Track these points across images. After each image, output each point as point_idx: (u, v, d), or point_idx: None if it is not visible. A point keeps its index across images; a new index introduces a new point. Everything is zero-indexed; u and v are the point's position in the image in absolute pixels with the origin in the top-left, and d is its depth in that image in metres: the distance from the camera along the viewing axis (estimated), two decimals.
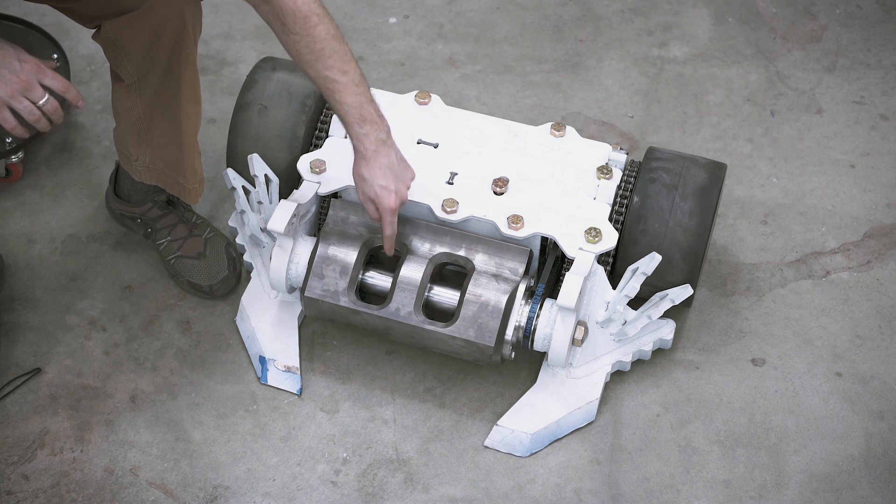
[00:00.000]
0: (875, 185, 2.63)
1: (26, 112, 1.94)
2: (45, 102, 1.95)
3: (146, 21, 2.05)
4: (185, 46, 2.11)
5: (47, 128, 1.98)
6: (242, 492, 2.16)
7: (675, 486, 2.18)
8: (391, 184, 2.09)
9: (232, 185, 2.30)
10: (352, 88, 2.03)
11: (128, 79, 2.15)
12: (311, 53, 2.00)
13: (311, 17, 1.98)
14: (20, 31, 2.59)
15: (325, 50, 2.00)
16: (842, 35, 2.94)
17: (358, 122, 2.04)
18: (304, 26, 1.98)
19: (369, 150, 2.06)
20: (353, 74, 2.03)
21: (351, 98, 2.03)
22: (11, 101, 1.92)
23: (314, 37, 1.99)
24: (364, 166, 2.08)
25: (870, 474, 2.19)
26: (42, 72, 1.94)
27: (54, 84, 1.95)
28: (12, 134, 1.96)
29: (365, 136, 2.06)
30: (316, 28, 1.98)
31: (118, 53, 2.11)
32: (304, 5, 1.97)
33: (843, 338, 2.38)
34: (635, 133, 2.73)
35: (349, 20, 2.96)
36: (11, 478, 2.16)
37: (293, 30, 1.98)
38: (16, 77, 1.91)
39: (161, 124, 2.21)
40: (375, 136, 2.06)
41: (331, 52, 2.00)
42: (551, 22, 2.97)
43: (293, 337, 2.33)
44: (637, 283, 2.16)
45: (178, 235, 2.42)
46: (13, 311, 2.39)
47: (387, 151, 2.08)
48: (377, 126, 2.06)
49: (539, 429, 2.22)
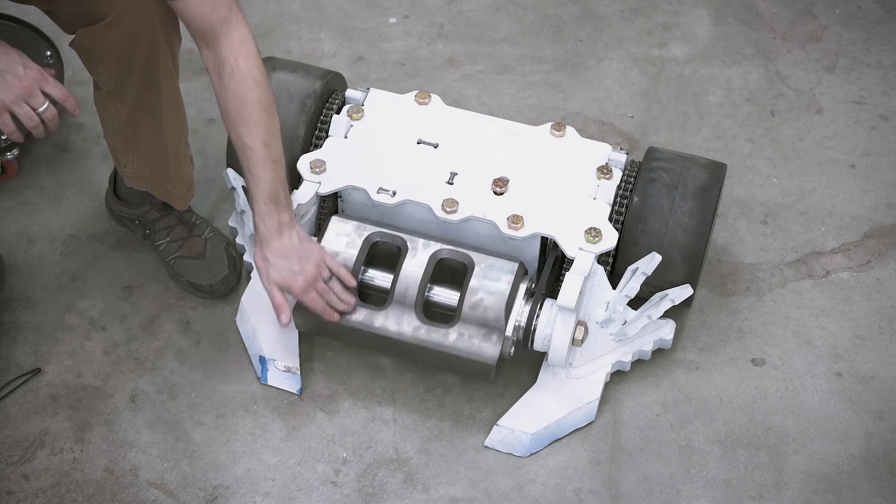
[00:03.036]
0: (875, 185, 2.63)
1: (26, 118, 1.95)
2: (44, 109, 1.96)
3: (117, 30, 2.04)
4: (160, 56, 2.10)
5: (43, 134, 1.99)
6: (242, 492, 2.16)
7: (675, 486, 2.18)
8: (295, 265, 2.06)
9: (232, 185, 2.30)
10: (268, 163, 2.00)
11: (105, 86, 2.15)
12: (239, 116, 1.98)
13: (247, 78, 1.96)
14: (13, 29, 2.58)
15: (252, 117, 1.98)
16: (842, 35, 2.94)
17: (265, 199, 2.02)
18: (240, 86, 1.96)
19: (270, 230, 2.04)
20: (273, 150, 2.00)
21: (264, 173, 2.00)
22: (13, 106, 1.93)
23: (246, 100, 1.97)
24: (266, 249, 2.05)
25: (870, 474, 2.19)
26: (44, 79, 1.95)
27: (55, 92, 1.96)
28: (10, 138, 1.98)
29: (268, 214, 2.03)
30: (250, 92, 1.97)
31: (93, 61, 2.11)
32: (244, 65, 1.96)
33: (843, 338, 2.38)
34: (635, 133, 2.73)
35: (349, 20, 2.96)
36: (11, 478, 2.16)
37: (228, 86, 1.96)
38: (19, 83, 1.92)
39: (145, 132, 2.21)
40: (278, 218, 2.04)
41: (256, 121, 1.98)
42: (551, 22, 2.97)
43: (293, 337, 2.33)
44: (637, 283, 2.16)
45: (177, 236, 2.42)
46: (13, 311, 2.39)
47: (288, 233, 2.06)
48: (282, 208, 2.03)
49: (539, 429, 2.22)
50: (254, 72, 1.97)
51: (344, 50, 2.90)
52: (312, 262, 2.09)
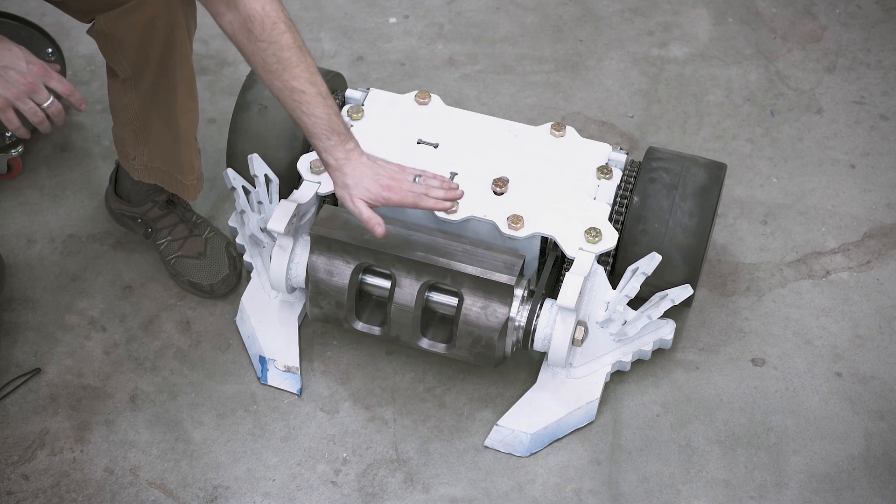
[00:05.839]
0: (875, 185, 2.64)
1: (30, 114, 1.95)
2: (49, 105, 1.96)
3: (139, 14, 2.05)
4: (179, 41, 2.11)
5: (48, 130, 1.98)
6: (242, 492, 2.16)
7: (675, 486, 2.18)
8: (372, 176, 2.04)
9: (232, 185, 2.30)
10: (319, 100, 1.99)
11: (122, 73, 2.16)
12: (279, 63, 1.97)
13: (279, 23, 1.96)
14: (14, 27, 2.59)
15: (292, 59, 1.97)
16: (842, 35, 2.94)
17: (326, 133, 2.01)
18: (272, 33, 1.95)
19: (340, 158, 2.03)
20: (321, 86, 2.00)
21: (319, 109, 1.99)
22: (17, 102, 1.93)
23: (282, 45, 1.96)
24: (343, 177, 2.04)
25: (870, 474, 2.19)
26: (48, 74, 1.95)
27: (59, 87, 1.96)
28: (15, 134, 1.98)
29: (333, 147, 2.02)
30: (283, 35, 1.96)
31: (112, 48, 2.12)
32: (272, 12, 1.95)
33: (843, 338, 2.38)
34: (635, 133, 2.73)
35: (349, 20, 2.96)
36: (11, 478, 2.16)
37: (260, 37, 1.95)
38: (23, 78, 1.92)
39: (158, 122, 2.22)
40: (344, 147, 2.03)
41: (298, 62, 1.97)
42: (551, 22, 2.97)
43: (293, 337, 2.33)
44: (637, 283, 2.16)
45: (179, 235, 2.42)
46: (13, 311, 2.39)
47: (357, 157, 2.04)
48: (345, 137, 2.02)
49: (539, 429, 2.22)
50: (282, 16, 1.96)
51: (344, 50, 2.90)
52: (389, 168, 2.06)
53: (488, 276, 2.11)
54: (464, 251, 2.14)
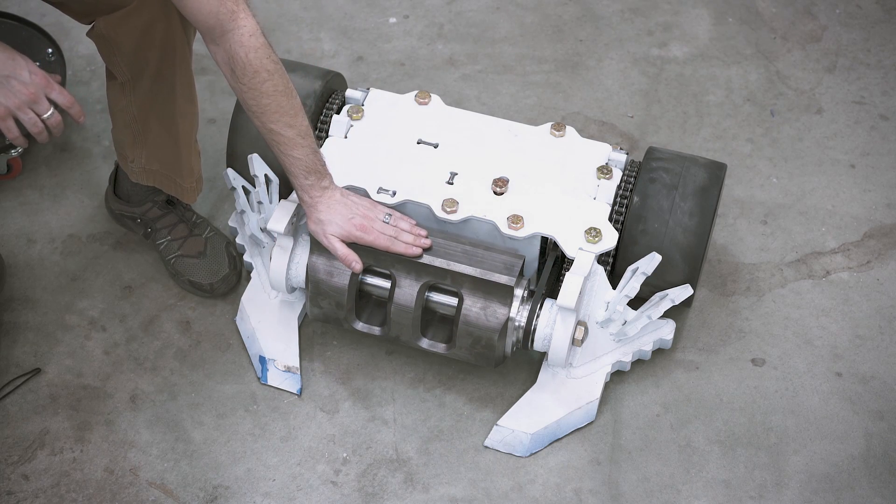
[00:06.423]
0: (875, 185, 2.63)
1: (30, 124, 1.95)
2: (49, 116, 1.96)
3: (138, 18, 2.06)
4: (177, 46, 2.12)
5: (46, 140, 2.00)
6: (242, 492, 2.16)
7: (675, 486, 2.18)
8: (346, 213, 2.10)
9: (232, 185, 2.30)
10: (298, 141, 2.04)
11: (121, 76, 2.16)
12: (258, 107, 2.00)
13: (260, 72, 1.97)
14: (14, 27, 2.59)
15: (271, 105, 2.00)
16: (842, 35, 2.94)
17: (304, 173, 2.07)
18: (253, 81, 1.98)
19: (315, 196, 2.09)
20: (300, 127, 2.03)
21: (297, 151, 2.05)
22: (17, 112, 1.94)
23: (261, 91, 1.99)
24: (317, 213, 2.10)
25: (870, 474, 2.19)
26: (50, 86, 1.95)
27: (60, 99, 1.96)
28: (14, 143, 1.98)
29: (310, 186, 2.08)
30: (264, 84, 1.98)
31: (111, 50, 2.12)
32: (255, 60, 1.96)
33: (843, 338, 2.38)
34: (635, 133, 2.73)
35: (349, 20, 2.96)
36: (11, 478, 2.16)
37: (241, 80, 1.98)
38: (25, 89, 1.92)
39: (156, 125, 2.22)
40: (320, 184, 2.09)
41: (276, 108, 2.01)
42: (551, 22, 2.97)
43: (293, 337, 2.33)
44: (637, 283, 2.16)
45: (179, 235, 2.42)
46: (13, 311, 2.39)
47: (331, 193, 2.11)
48: (321, 175, 2.08)
49: (539, 429, 2.22)
50: (265, 63, 1.97)
51: (344, 50, 2.90)
52: (361, 206, 2.13)
53: (488, 277, 2.11)
54: (463, 252, 2.15)
